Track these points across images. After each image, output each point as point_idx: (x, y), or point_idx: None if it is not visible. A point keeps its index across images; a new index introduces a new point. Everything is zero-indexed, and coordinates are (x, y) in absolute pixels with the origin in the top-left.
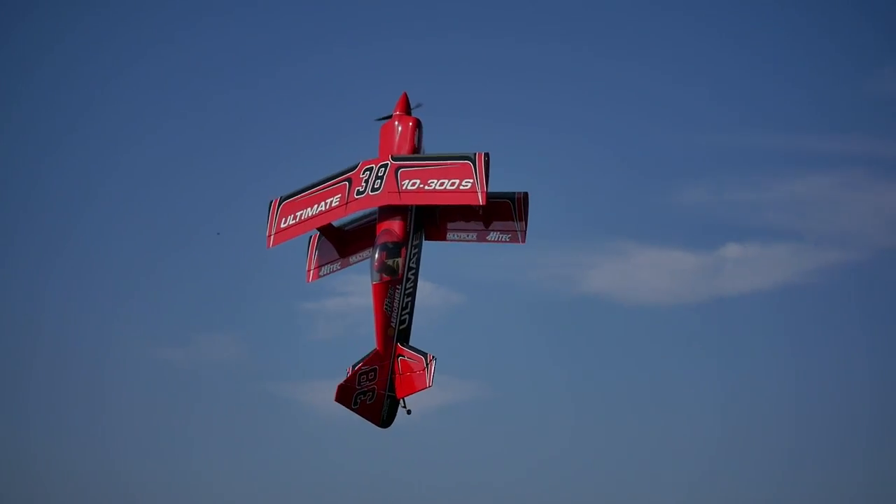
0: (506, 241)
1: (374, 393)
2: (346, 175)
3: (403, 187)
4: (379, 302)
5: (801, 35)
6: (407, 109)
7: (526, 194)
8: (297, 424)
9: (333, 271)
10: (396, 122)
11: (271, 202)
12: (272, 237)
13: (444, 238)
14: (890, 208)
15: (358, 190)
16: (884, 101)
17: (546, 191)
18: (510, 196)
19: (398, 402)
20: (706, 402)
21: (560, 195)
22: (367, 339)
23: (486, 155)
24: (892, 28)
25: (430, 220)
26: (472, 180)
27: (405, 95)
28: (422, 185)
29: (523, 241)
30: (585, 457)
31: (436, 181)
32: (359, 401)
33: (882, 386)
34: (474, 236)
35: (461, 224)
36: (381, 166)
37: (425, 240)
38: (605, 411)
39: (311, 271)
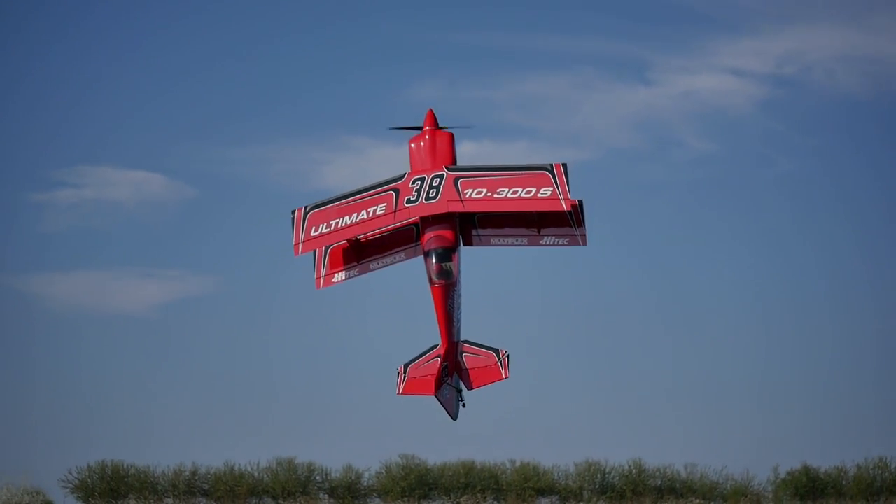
0: (564, 245)
1: (448, 386)
2: (391, 185)
3: (467, 195)
4: (441, 302)
5: None
6: (436, 125)
7: (580, 202)
8: (31, 316)
9: (350, 277)
10: (429, 136)
11: (294, 211)
12: (300, 245)
13: (487, 244)
14: (622, 108)
15: (408, 199)
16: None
17: (281, 89)
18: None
19: (460, 395)
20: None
21: (295, 91)
22: (98, 232)
23: (565, 166)
24: None
25: (469, 227)
26: (551, 188)
27: (432, 112)
28: (489, 194)
29: (584, 243)
30: None
31: (506, 189)
32: (444, 393)
33: (616, 273)
34: (525, 241)
35: (508, 230)
36: (436, 176)
37: (464, 245)
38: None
39: (323, 278)
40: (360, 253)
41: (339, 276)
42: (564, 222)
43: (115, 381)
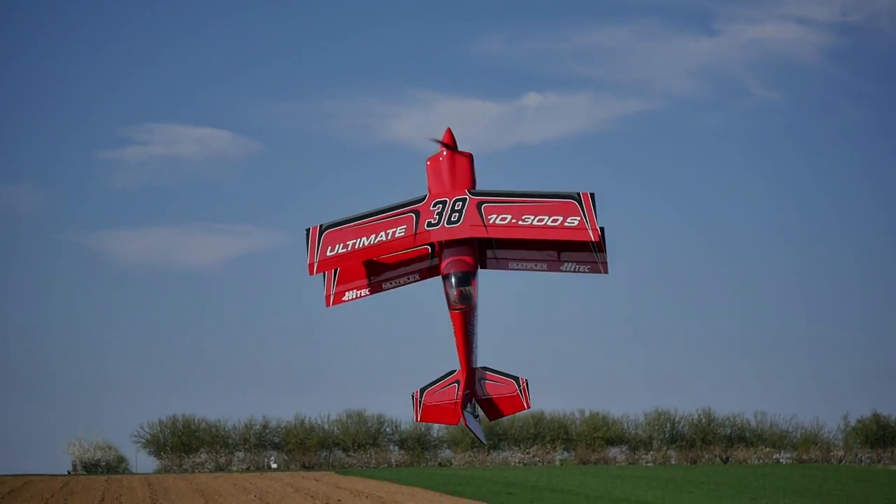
0: (585, 272)
1: (469, 413)
2: (412, 207)
3: (490, 221)
4: (460, 327)
5: None
6: (454, 144)
7: (602, 229)
8: (101, 273)
9: (360, 297)
10: (448, 157)
11: (308, 230)
12: (315, 265)
13: (505, 267)
14: (686, 58)
15: (429, 222)
16: None
17: (343, 42)
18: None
19: (476, 416)
20: None
21: (357, 44)
22: (167, 189)
23: (592, 195)
24: None
25: (487, 251)
26: (578, 217)
27: (450, 131)
28: (514, 220)
29: (606, 271)
30: None
31: (532, 217)
32: (469, 420)
33: (684, 226)
34: (545, 266)
35: (527, 254)
36: (458, 200)
37: (481, 269)
38: None
39: (332, 296)
40: (373, 272)
41: (350, 295)
42: (587, 249)
43: (185, 336)
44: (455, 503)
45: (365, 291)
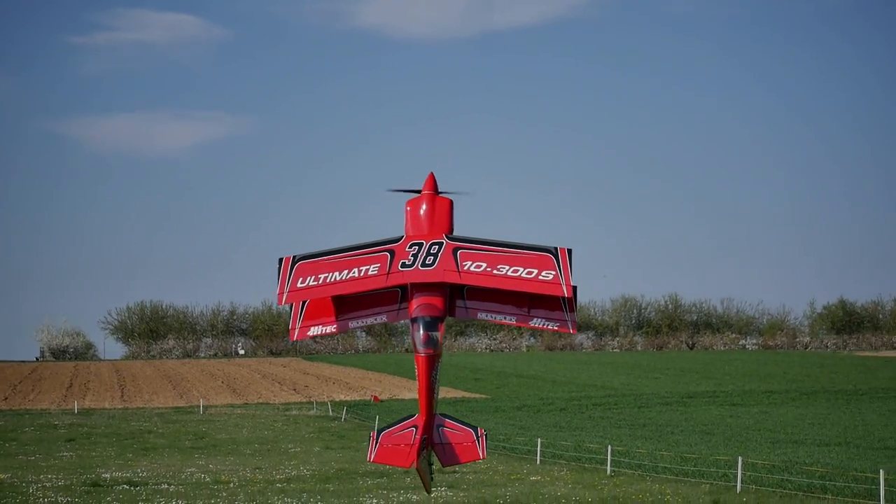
0: (553, 329)
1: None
2: (387, 246)
3: (465, 268)
4: (424, 373)
5: None
6: (435, 189)
7: (575, 288)
8: (71, 160)
9: (326, 334)
10: (428, 202)
11: (281, 259)
12: (285, 295)
13: (474, 317)
14: None
15: (403, 262)
16: None
17: None
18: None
19: (430, 467)
20: None
21: None
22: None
23: (569, 251)
24: None
25: (456, 299)
26: (554, 272)
27: (433, 175)
28: (489, 269)
29: (574, 330)
30: None
31: (507, 267)
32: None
33: (654, 108)
34: (514, 319)
35: (496, 306)
36: (435, 244)
37: (449, 316)
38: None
39: (297, 329)
40: (340, 308)
41: (316, 330)
42: (557, 306)
43: (153, 222)
44: None
45: (331, 328)
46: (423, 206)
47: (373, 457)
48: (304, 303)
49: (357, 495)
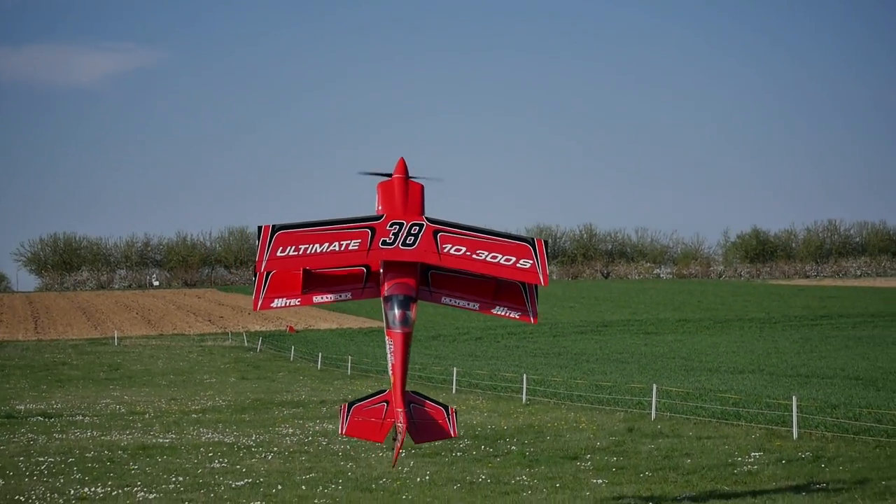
0: (515, 318)
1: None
2: (368, 223)
3: (444, 250)
4: (399, 350)
5: None
6: (407, 174)
7: (535, 287)
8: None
9: (290, 307)
10: (401, 184)
11: (261, 227)
12: (265, 263)
13: (437, 301)
14: None
15: (384, 240)
16: None
17: None
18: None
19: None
20: None
21: None
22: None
23: (546, 242)
24: None
25: (420, 284)
26: (531, 261)
27: (403, 160)
28: (468, 253)
29: (535, 321)
30: None
31: (486, 253)
32: (394, 438)
33: (566, 34)
34: (477, 306)
35: (460, 293)
36: (415, 225)
37: None
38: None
39: (261, 300)
40: (306, 283)
41: (280, 303)
42: (520, 297)
43: (66, 154)
44: (338, 318)
45: (295, 301)
46: (397, 189)
47: (344, 430)
48: (268, 274)
49: (273, 425)
